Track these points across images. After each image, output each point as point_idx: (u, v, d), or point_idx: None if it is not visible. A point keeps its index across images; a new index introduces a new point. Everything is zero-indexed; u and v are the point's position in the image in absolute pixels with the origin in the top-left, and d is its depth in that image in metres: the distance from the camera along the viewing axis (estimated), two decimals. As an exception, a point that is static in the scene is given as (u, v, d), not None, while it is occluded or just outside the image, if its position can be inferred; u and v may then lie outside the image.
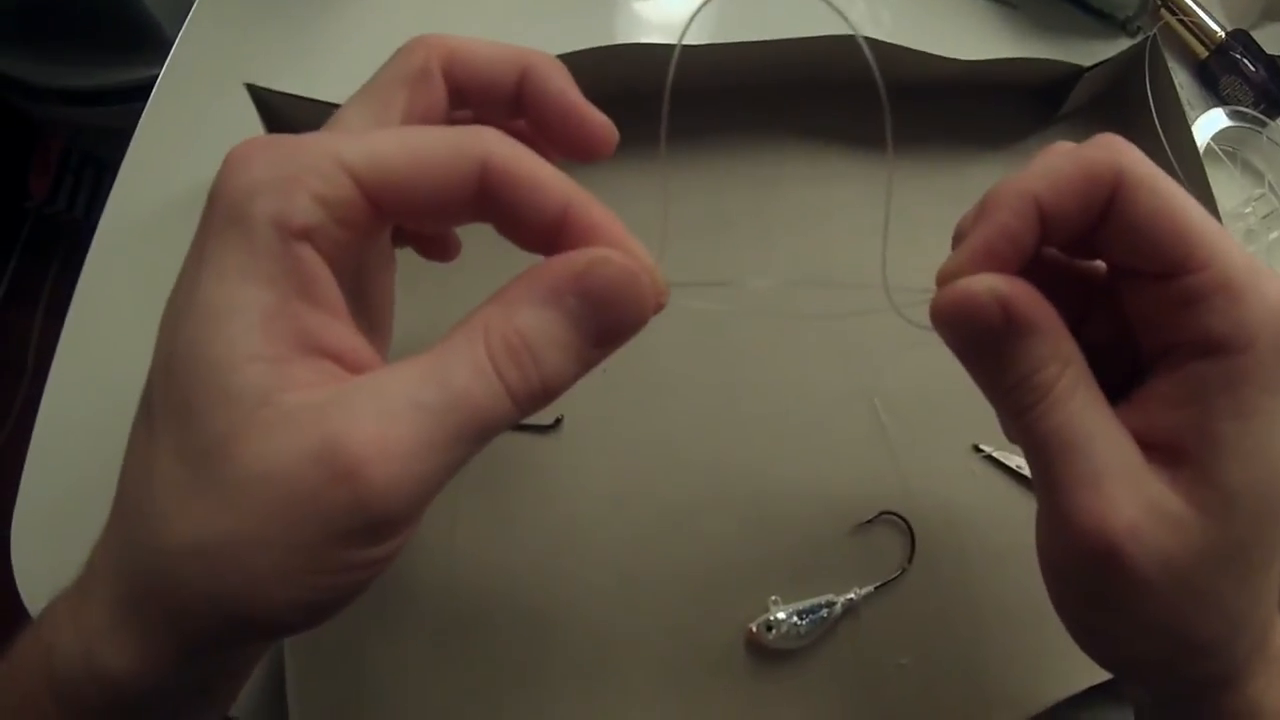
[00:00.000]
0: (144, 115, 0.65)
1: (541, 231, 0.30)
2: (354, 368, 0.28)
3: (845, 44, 0.60)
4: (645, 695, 0.52)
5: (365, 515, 0.26)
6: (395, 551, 0.28)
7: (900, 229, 0.63)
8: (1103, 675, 0.54)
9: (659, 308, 0.32)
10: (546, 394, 0.29)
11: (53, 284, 1.52)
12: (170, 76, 0.66)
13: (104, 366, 0.56)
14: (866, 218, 0.63)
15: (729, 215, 0.63)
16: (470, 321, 0.29)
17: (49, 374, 0.57)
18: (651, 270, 0.31)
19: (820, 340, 0.60)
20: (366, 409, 0.26)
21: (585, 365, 0.30)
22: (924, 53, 0.62)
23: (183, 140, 0.63)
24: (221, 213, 0.27)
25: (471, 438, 0.27)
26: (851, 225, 0.63)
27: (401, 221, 0.31)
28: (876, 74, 0.34)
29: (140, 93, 0.63)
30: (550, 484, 0.55)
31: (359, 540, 0.26)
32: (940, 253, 0.62)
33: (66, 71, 1.03)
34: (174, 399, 0.26)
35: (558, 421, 0.56)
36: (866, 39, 0.59)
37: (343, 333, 0.28)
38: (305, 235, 0.27)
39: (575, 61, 0.57)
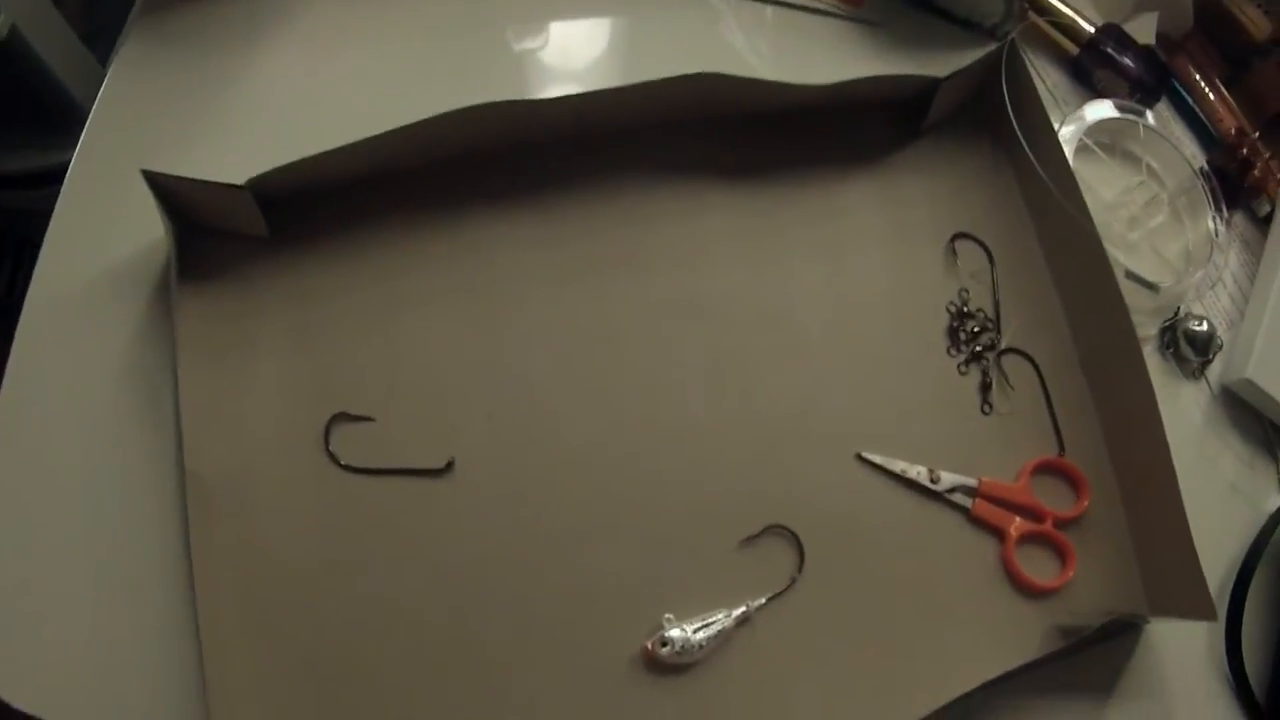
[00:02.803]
0: (60, 199, 0.67)
1: None
2: None
3: (706, 80, 0.63)
4: (543, 716, 0.54)
5: None
6: None
7: (774, 250, 0.66)
8: (1005, 665, 0.56)
9: None
10: None
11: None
12: (82, 161, 0.68)
13: (37, 443, 0.59)
14: (740, 245, 0.66)
15: (604, 257, 0.65)
16: None
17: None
18: None
19: (699, 367, 0.62)
20: None
21: None
22: (780, 83, 0.64)
23: (98, 223, 0.66)
24: None
25: None
26: (725, 254, 0.66)
27: None
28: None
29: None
30: (443, 522, 0.57)
31: None
32: (813, 271, 0.65)
33: (-7, 155, 1.05)
34: None
35: (449, 464, 0.58)
36: (723, 75, 0.63)
37: None
38: None
39: (449, 121, 0.60)
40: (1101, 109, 0.76)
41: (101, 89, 0.71)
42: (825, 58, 0.76)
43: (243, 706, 0.52)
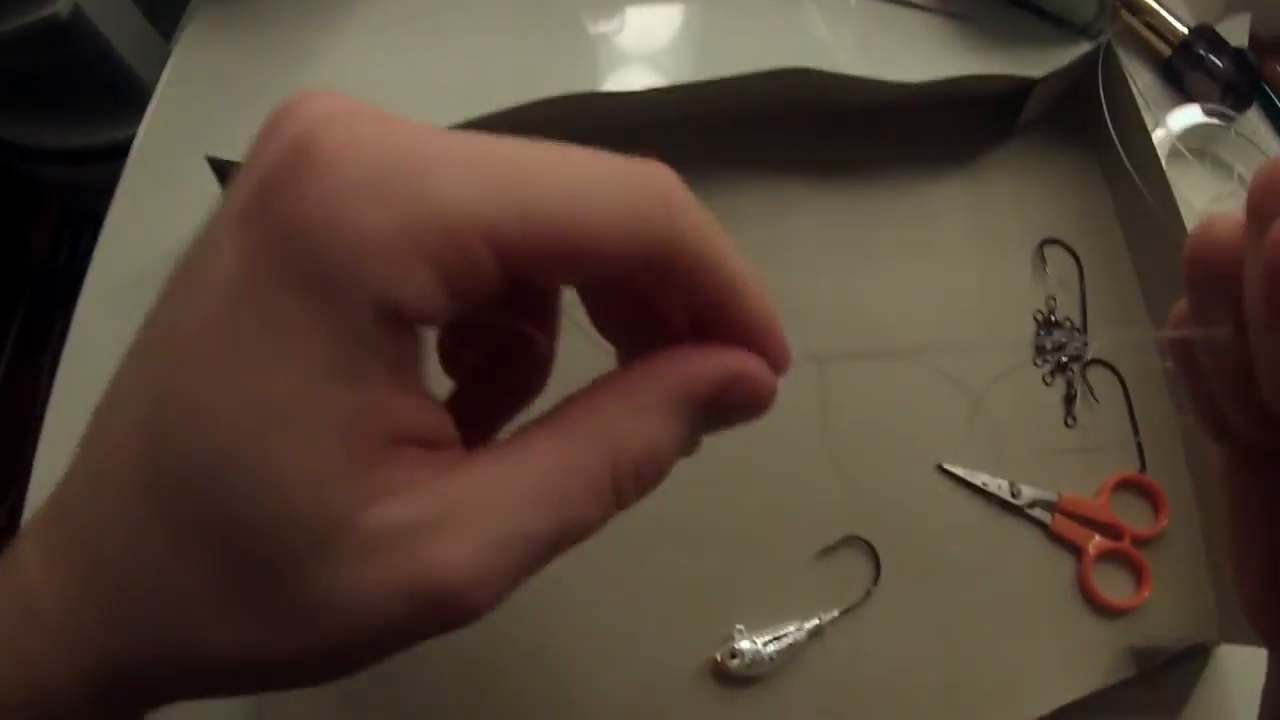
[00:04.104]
0: (122, 179, 0.66)
1: (689, 316, 0.26)
2: (437, 445, 0.23)
3: (798, 76, 0.61)
4: (611, 729, 0.53)
5: (446, 630, 0.23)
6: None
7: (862, 251, 0.64)
8: (1079, 690, 0.54)
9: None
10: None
11: (58, 338, 1.50)
12: (146, 142, 0.68)
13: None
14: (827, 245, 0.64)
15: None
16: (592, 428, 0.24)
17: (41, 430, 0.60)
18: (786, 358, 0.28)
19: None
20: (469, 539, 0.22)
21: None
22: (876, 80, 0.62)
23: (161, 205, 0.64)
24: (300, 264, 0.20)
25: (565, 550, 0.24)
26: (812, 254, 0.64)
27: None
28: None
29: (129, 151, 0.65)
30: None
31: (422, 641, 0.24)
32: (900, 273, 0.64)
33: (59, 132, 1.06)
34: (214, 503, 0.21)
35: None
36: (816, 70, 0.61)
37: (426, 411, 0.23)
38: (415, 322, 0.21)
39: (525, 111, 0.58)
40: (1191, 114, 0.73)
41: (165, 70, 0.70)
42: (912, 51, 0.74)
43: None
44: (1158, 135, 0.71)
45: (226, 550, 0.21)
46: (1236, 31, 0.77)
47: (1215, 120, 0.74)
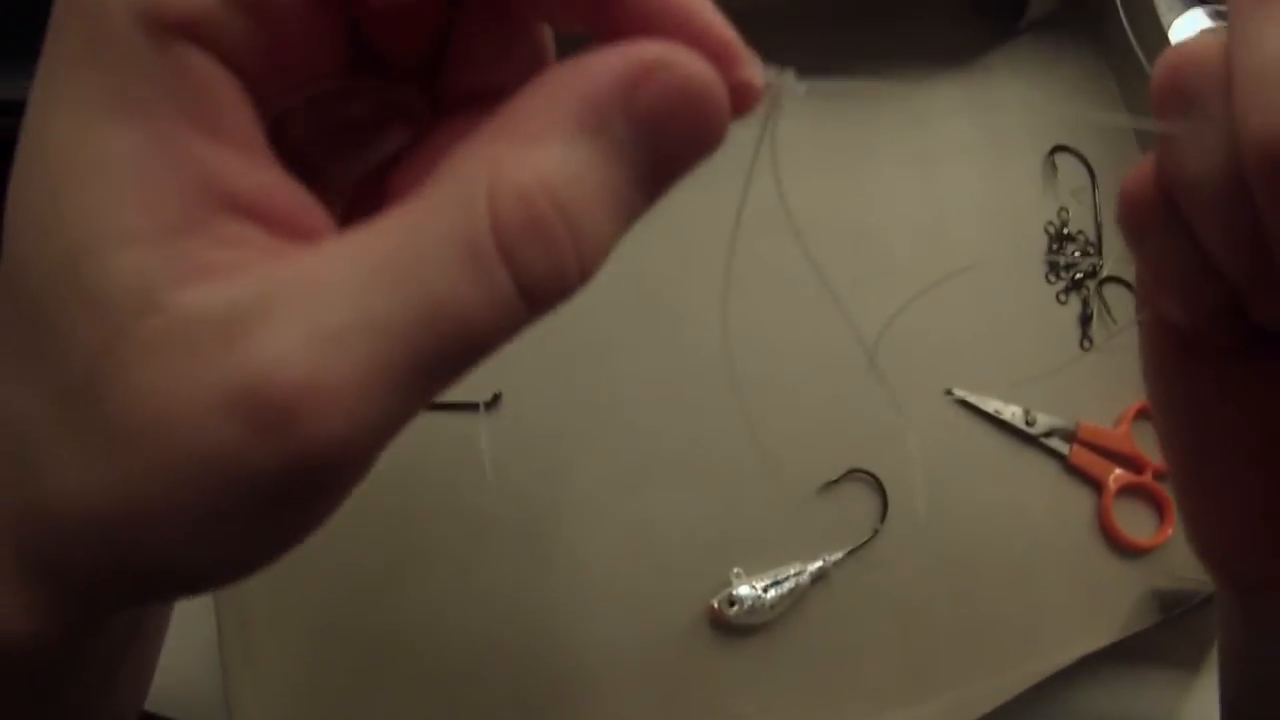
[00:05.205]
0: None
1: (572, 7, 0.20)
2: (293, 231, 0.18)
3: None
4: (602, 683, 0.47)
5: (303, 476, 0.17)
6: (344, 498, 0.20)
7: (858, 158, 0.58)
8: (1102, 640, 0.49)
9: (743, 111, 0.20)
10: (581, 278, 0.18)
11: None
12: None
13: None
14: (820, 150, 0.58)
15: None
16: (461, 175, 0.17)
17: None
18: (736, 57, 0.20)
19: (774, 286, 0.55)
20: (294, 325, 0.16)
21: (630, 222, 0.19)
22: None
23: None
24: (65, 5, 0.17)
25: (455, 363, 0.18)
26: (804, 159, 0.58)
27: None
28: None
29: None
30: (489, 464, 0.50)
31: (294, 503, 0.18)
32: (899, 182, 0.58)
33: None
34: (22, 301, 0.17)
35: (496, 399, 0.50)
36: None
37: (266, 177, 0.18)
38: (190, 30, 0.17)
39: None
40: (1207, 16, 0.68)
41: None
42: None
43: (260, 664, 0.45)
44: (1174, 34, 0.65)
45: (40, 352, 0.17)
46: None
47: (1221, 22, 0.69)
